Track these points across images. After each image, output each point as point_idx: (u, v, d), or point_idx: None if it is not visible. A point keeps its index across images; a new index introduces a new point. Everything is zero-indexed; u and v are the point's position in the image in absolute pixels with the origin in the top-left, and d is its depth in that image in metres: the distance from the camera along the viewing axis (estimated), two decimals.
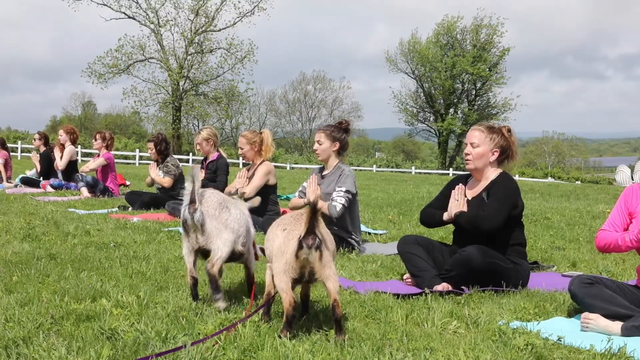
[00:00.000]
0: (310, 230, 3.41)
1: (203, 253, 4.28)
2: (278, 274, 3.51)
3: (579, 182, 48.75)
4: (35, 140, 15.00)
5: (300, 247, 3.42)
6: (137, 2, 57.90)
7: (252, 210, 8.08)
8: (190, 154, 51.17)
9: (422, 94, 72.41)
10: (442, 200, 5.44)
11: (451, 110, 70.78)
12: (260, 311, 3.86)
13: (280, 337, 3.42)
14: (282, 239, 3.57)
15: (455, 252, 5.09)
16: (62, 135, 13.89)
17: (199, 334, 3.50)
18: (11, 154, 17.45)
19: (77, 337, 3.39)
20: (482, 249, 4.83)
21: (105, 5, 57.41)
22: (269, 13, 59.75)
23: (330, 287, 3.49)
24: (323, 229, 3.56)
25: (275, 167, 8.37)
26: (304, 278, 3.58)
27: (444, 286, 4.85)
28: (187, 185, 4.20)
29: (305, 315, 3.95)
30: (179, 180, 10.43)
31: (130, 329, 3.55)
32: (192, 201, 4.14)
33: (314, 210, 3.38)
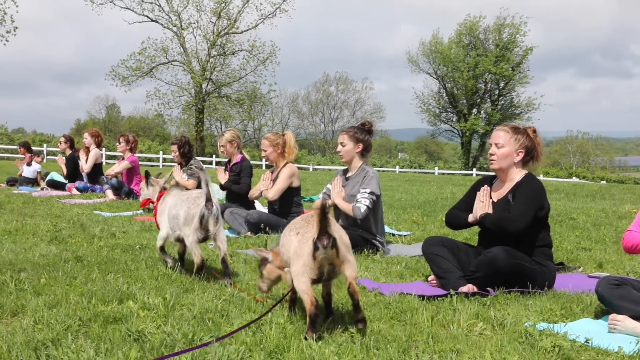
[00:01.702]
0: (323, 230, 3.51)
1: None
2: (297, 276, 3.62)
3: (604, 182, 48.38)
4: (60, 143, 15.11)
5: (316, 248, 3.53)
6: (160, 5, 58.28)
7: (276, 212, 8.18)
8: (214, 155, 51.34)
9: (444, 94, 72.17)
10: (467, 202, 5.42)
11: (474, 110, 70.45)
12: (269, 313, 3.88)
13: (305, 338, 3.45)
14: (296, 242, 3.69)
15: (480, 253, 5.06)
16: (87, 139, 14.01)
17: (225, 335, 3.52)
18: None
19: (105, 338, 3.43)
20: (508, 250, 4.80)
21: (128, 8, 57.83)
22: (291, 15, 59.95)
23: (348, 274, 3.65)
24: (335, 226, 3.64)
25: (298, 168, 8.38)
26: (324, 276, 3.68)
27: (469, 287, 4.83)
28: (203, 187, 5.20)
29: (330, 317, 3.96)
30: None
31: (157, 330, 3.58)
32: (209, 200, 5.11)
33: (323, 212, 3.48)
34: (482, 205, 5.18)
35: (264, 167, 47.72)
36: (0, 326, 3.69)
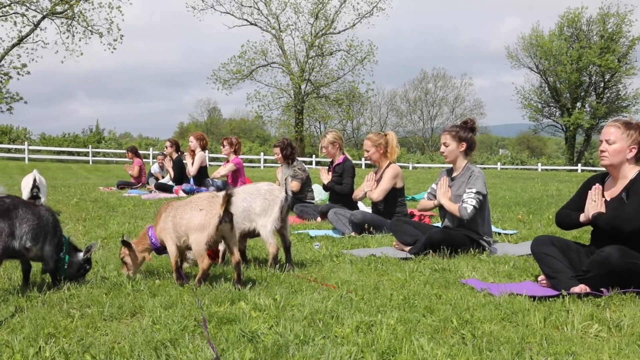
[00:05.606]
0: (227, 209, 4.62)
1: None
2: (199, 242, 4.69)
3: None
4: (166, 147, 15.58)
5: (220, 222, 4.63)
6: (259, 9, 59.37)
7: (380, 212, 8.18)
8: (314, 156, 51.81)
9: (546, 89, 70.57)
10: (578, 201, 5.27)
11: (578, 104, 68.55)
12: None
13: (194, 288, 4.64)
14: (202, 217, 4.69)
15: (592, 252, 4.92)
16: (192, 142, 14.39)
17: (336, 336, 3.56)
18: (144, 160, 18.23)
19: (220, 339, 3.52)
20: (622, 249, 4.64)
21: (228, 13, 59.17)
22: (388, 13, 59.91)
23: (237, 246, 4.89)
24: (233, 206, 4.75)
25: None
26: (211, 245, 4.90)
27: (581, 288, 4.69)
28: (281, 181, 5.76)
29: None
30: (306, 183, 10.59)
31: (269, 331, 3.65)
32: (287, 192, 5.65)
33: (229, 197, 4.59)
34: (595, 204, 5.03)
35: (363, 167, 47.80)
36: (121, 326, 3.85)
